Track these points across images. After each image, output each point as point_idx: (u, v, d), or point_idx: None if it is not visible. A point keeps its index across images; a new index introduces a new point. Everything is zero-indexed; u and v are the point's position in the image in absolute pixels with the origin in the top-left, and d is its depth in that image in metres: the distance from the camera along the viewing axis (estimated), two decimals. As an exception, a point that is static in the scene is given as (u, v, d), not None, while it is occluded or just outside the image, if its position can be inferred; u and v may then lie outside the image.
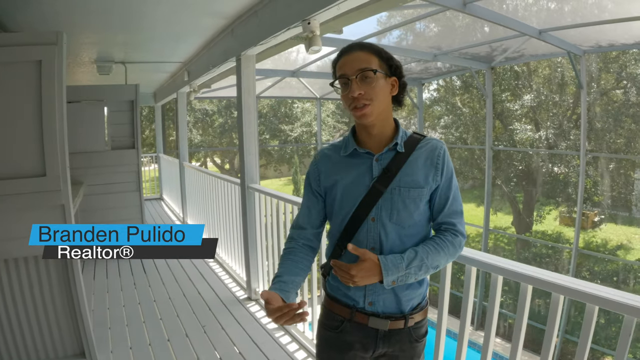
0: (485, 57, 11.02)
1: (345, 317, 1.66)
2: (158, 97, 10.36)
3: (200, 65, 6.06)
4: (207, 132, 25.24)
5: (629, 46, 9.77)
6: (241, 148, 4.68)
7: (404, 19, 9.01)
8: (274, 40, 3.93)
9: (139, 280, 5.29)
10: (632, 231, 16.48)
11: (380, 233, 1.59)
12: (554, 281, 1.88)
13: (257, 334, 3.93)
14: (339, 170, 1.66)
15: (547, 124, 15.83)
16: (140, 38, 5.18)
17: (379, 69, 1.54)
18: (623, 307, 1.63)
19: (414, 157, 1.61)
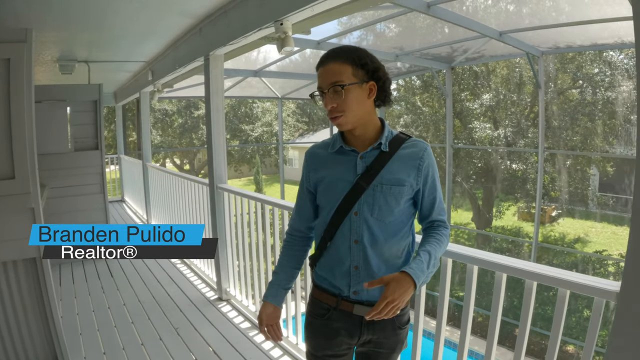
0: (446, 58, 11.17)
1: (331, 305, 1.76)
2: (119, 97, 10.11)
3: (165, 65, 5.96)
4: (166, 132, 24.88)
5: (585, 47, 10.08)
6: (209, 148, 4.64)
7: (365, 19, 9.05)
8: (244, 40, 3.91)
9: (106, 284, 5.16)
10: (588, 225, 17.09)
11: (362, 226, 1.68)
12: (529, 269, 1.99)
13: (230, 333, 3.93)
14: (326, 165, 1.76)
15: (506, 122, 16.24)
16: (105, 37, 5.04)
17: (353, 78, 1.61)
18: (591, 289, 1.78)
19: (398, 156, 1.70)
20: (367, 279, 1.67)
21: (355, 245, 1.70)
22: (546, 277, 1.93)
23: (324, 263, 1.79)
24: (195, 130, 24.71)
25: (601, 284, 1.75)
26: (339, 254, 1.73)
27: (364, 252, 1.69)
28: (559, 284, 1.88)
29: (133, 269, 5.69)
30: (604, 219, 17.16)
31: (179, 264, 5.89)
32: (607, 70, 14.02)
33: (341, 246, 1.72)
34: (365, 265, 1.70)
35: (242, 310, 4.38)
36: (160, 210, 7.20)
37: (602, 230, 16.99)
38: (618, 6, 6.88)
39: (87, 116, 5.94)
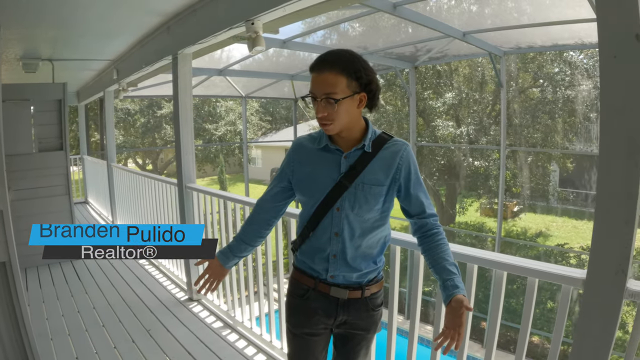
0: (410, 57, 11.30)
1: (310, 286, 1.89)
2: (82, 96, 9.88)
3: (131, 64, 5.86)
4: (129, 132, 24.39)
5: (547, 48, 10.33)
6: (178, 147, 4.60)
7: (330, 19, 9.10)
8: (213, 39, 3.89)
9: (74, 288, 5.05)
10: (549, 219, 17.54)
11: (343, 221, 1.79)
12: (499, 260, 2.11)
13: (204, 333, 3.91)
14: (312, 161, 1.84)
15: (468, 120, 16.51)
16: (73, 34, 4.92)
17: (347, 90, 1.65)
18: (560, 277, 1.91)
19: (380, 157, 1.78)
20: (344, 266, 1.82)
21: (335, 237, 1.81)
22: (516, 267, 2.04)
23: (305, 249, 1.90)
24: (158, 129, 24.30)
25: (568, 272, 1.87)
26: (319, 243, 1.84)
27: (343, 243, 1.81)
28: (529, 273, 1.99)
29: (100, 271, 5.59)
30: (565, 214, 17.64)
31: (147, 265, 5.82)
32: (567, 69, 14.42)
33: (322, 237, 1.83)
34: (342, 255, 1.82)
35: (214, 310, 4.36)
36: (126, 211, 7.08)
37: (562, 225, 17.44)
38: (579, 8, 7.10)
39: (51, 116, 5.77)
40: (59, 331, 3.97)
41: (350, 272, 1.84)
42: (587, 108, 14.39)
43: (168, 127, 24.05)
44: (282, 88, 14.41)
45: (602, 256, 1.66)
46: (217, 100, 24.58)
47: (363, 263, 1.85)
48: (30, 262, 5.60)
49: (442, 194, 18.60)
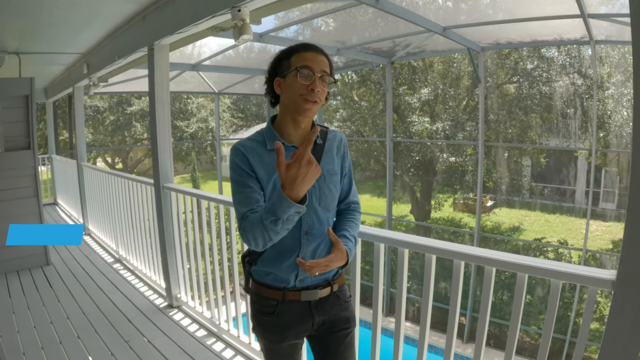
0: (387, 52, 11.26)
1: (278, 299, 1.83)
2: (50, 92, 9.41)
3: (102, 57, 5.54)
4: (98, 130, 23.73)
5: (525, 44, 10.43)
6: (154, 145, 4.31)
7: (303, 13, 8.99)
8: (194, 29, 3.63)
9: (46, 296, 4.71)
10: (522, 214, 17.75)
11: (313, 218, 1.78)
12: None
13: (187, 343, 3.68)
14: (266, 164, 1.74)
15: (444, 116, 16.53)
16: (41, 25, 4.56)
17: (331, 78, 1.75)
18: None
19: (328, 147, 1.85)
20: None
21: (304, 237, 1.78)
22: (540, 269, 1.94)
23: (267, 258, 1.82)
24: (127, 127, 23.68)
25: (597, 273, 1.79)
26: (286, 247, 1.77)
27: (313, 241, 1.79)
28: (553, 275, 1.90)
29: (72, 277, 5.28)
30: (537, 208, 17.85)
31: (122, 270, 5.54)
32: (544, 65, 14.52)
33: (289, 239, 1.74)
34: (312, 254, 1.80)
35: (196, 317, 4.14)
36: (98, 213, 6.75)
37: (536, 219, 17.67)
38: (559, 5, 7.13)
39: (17, 113, 5.39)
40: (31, 345, 3.68)
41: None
42: (565, 104, 14.51)
43: (138, 125, 23.55)
44: (253, 84, 14.28)
45: (634, 257, 1.59)
46: (189, 96, 24.13)
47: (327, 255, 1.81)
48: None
49: (418, 190, 18.61)
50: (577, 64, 14.16)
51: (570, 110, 14.51)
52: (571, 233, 15.94)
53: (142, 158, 26.69)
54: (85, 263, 5.83)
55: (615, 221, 15.50)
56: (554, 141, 15.73)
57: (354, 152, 19.85)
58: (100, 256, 6.11)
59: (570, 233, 15.95)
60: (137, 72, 9.34)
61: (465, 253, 2.15)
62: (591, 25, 7.82)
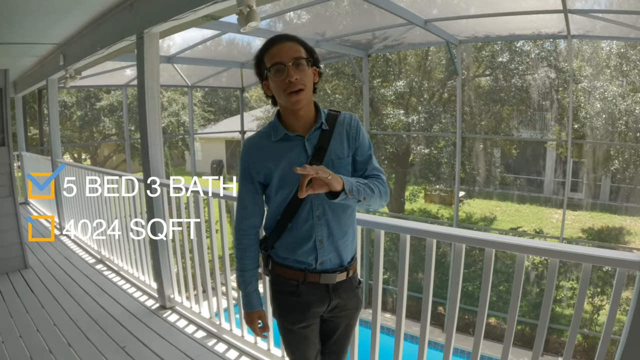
0: (365, 45, 11.20)
1: (299, 280, 1.93)
2: (19, 86, 8.96)
3: (82, 47, 5.23)
4: (65, 126, 22.92)
5: (503, 38, 10.53)
6: (144, 139, 4.10)
7: (276, 5, 8.83)
8: (192, 15, 3.41)
9: (28, 303, 4.40)
10: (493, 204, 18.01)
11: (324, 203, 1.86)
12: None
13: (186, 346, 3.51)
14: (273, 156, 1.87)
15: (419, 108, 16.55)
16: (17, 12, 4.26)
17: (308, 58, 1.79)
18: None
19: (337, 131, 1.89)
20: (331, 250, 1.91)
21: (317, 221, 1.88)
22: (571, 254, 2.05)
23: (285, 243, 1.92)
24: (96, 123, 22.94)
25: (623, 256, 1.86)
26: (302, 232, 1.88)
27: (328, 225, 1.89)
28: (584, 259, 1.94)
29: (54, 281, 4.99)
30: (508, 198, 18.11)
31: (106, 271, 5.29)
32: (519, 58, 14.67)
33: (304, 225, 1.87)
34: (328, 238, 1.89)
35: (192, 318, 3.97)
36: (76, 212, 6.42)
37: (506, 209, 17.91)
38: (534, 1, 7.29)
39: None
40: (18, 355, 3.43)
41: (337, 254, 1.93)
42: (540, 96, 14.70)
43: (107, 120, 22.83)
44: (221, 78, 14.09)
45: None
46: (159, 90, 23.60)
47: (346, 241, 1.95)
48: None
49: (392, 182, 18.64)
50: (552, 58, 14.35)
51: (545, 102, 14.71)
52: (542, 222, 16.22)
53: (111, 154, 25.97)
54: (66, 265, 5.54)
55: (585, 210, 15.82)
56: (526, 133, 15.95)
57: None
58: (80, 257, 5.82)
59: (542, 222, 16.22)
60: (108, 65, 9.04)
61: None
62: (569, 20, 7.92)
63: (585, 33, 8.91)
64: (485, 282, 2.26)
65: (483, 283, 2.27)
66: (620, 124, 13.09)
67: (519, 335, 12.24)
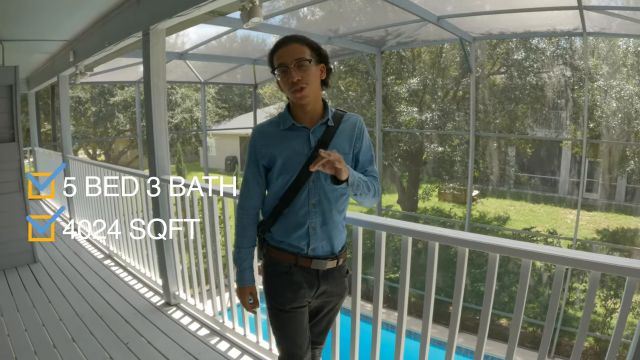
0: (378, 42, 11.15)
1: (291, 263, 2.05)
2: (32, 83, 9.06)
3: (91, 44, 5.26)
4: (79, 121, 23.15)
5: (518, 35, 10.37)
6: (150, 136, 4.09)
7: (290, 1, 8.82)
8: (196, 11, 3.40)
9: (35, 297, 4.44)
10: (507, 203, 17.82)
11: (320, 192, 2.00)
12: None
13: (189, 343, 3.50)
14: (279, 142, 2.00)
15: (432, 106, 16.42)
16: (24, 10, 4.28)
17: (312, 58, 1.90)
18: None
19: (341, 129, 2.02)
20: (323, 237, 2.04)
21: (313, 209, 2.00)
22: (580, 261, 1.91)
23: (280, 227, 2.05)
24: (110, 119, 23.15)
25: (634, 264, 1.77)
26: (297, 218, 2.01)
27: (322, 213, 2.01)
28: (591, 267, 1.87)
29: (62, 275, 5.03)
30: (522, 198, 17.91)
31: (113, 267, 5.32)
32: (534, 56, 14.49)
33: (300, 211, 2.00)
34: (321, 225, 2.02)
35: (197, 316, 3.96)
36: (86, 207, 6.46)
37: (520, 208, 17.72)
38: None
39: (1, 103, 5.11)
40: (23, 349, 3.45)
41: (328, 242, 2.05)
42: (556, 94, 14.51)
43: (121, 116, 23.03)
44: (236, 74, 14.09)
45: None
46: (173, 87, 23.69)
47: (337, 230, 2.08)
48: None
49: (405, 180, 18.53)
50: (568, 56, 14.15)
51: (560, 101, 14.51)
52: (556, 222, 16.03)
53: (125, 150, 26.20)
54: (74, 260, 5.57)
55: (600, 211, 15.60)
56: (541, 132, 15.75)
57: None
58: (89, 252, 5.86)
59: (556, 222, 16.03)
60: (121, 61, 9.09)
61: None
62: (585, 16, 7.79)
63: (601, 30, 8.76)
64: (488, 286, 2.24)
65: (486, 287, 2.25)
66: (636, 123, 12.88)
67: (530, 337, 12.13)
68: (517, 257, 2.08)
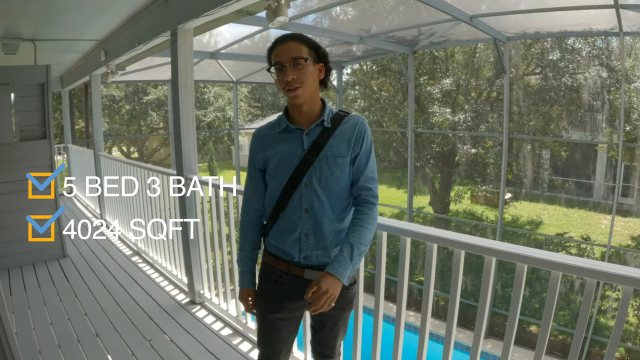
0: (410, 41, 11.03)
1: (283, 271, 1.97)
2: (66, 81, 9.27)
3: (121, 43, 5.34)
4: (114, 119, 23.65)
5: (553, 34, 10.14)
6: (177, 135, 4.12)
7: (322, 1, 8.79)
8: (222, 11, 3.41)
9: (62, 291, 4.54)
10: (540, 207, 17.44)
11: (312, 196, 1.90)
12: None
13: (211, 343, 3.49)
14: (274, 144, 1.96)
15: (466, 107, 16.21)
16: (52, 10, 4.35)
17: (309, 57, 1.85)
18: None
19: (339, 131, 1.93)
20: (316, 245, 1.92)
21: (305, 214, 1.91)
22: (612, 275, 1.76)
23: (275, 231, 1.98)
24: (143, 116, 23.58)
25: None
26: (290, 223, 1.93)
27: (315, 219, 1.90)
28: (623, 282, 1.73)
29: (90, 271, 5.12)
30: (557, 202, 17.52)
31: (141, 263, 5.38)
32: (569, 56, 14.16)
33: (292, 215, 1.92)
34: (314, 232, 1.91)
35: (221, 315, 3.95)
36: (116, 205, 6.57)
37: (554, 213, 17.34)
38: None
39: (33, 101, 5.20)
40: (47, 342, 3.52)
41: (322, 252, 1.94)
42: (591, 96, 14.14)
43: (154, 114, 23.43)
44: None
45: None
46: (205, 85, 23.97)
47: (336, 239, 1.94)
48: (13, 262, 5.15)
49: (437, 182, 18.34)
50: (604, 56, 13.77)
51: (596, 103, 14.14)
52: (590, 228, 15.66)
53: (158, 147, 26.62)
54: (103, 255, 5.67)
55: (635, 217, 15.16)
56: (576, 134, 15.37)
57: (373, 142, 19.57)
58: (118, 248, 5.95)
59: (590, 228, 15.66)
60: (154, 60, 9.20)
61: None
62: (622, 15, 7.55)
63: (638, 30, 8.49)
64: (515, 299, 2.14)
65: (513, 300, 2.15)
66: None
67: (559, 345, 11.89)
68: (545, 268, 1.95)
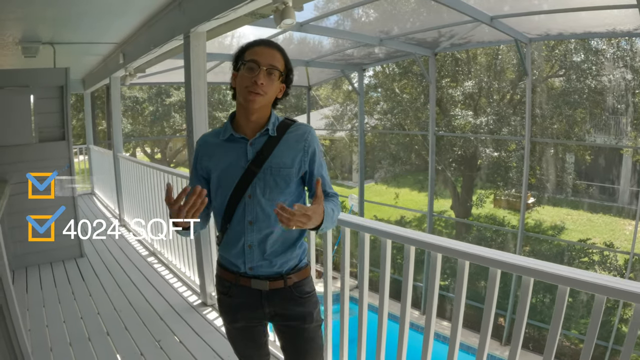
0: (431, 43, 10.93)
1: (231, 282, 1.92)
2: (87, 83, 9.45)
3: (138, 46, 5.42)
4: (137, 120, 24.00)
5: (577, 35, 9.95)
6: (190, 137, 4.16)
7: (343, 2, 8.76)
8: (233, 14, 3.43)
9: (77, 290, 4.64)
10: (564, 212, 17.10)
11: (257, 208, 1.83)
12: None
13: (220, 345, 3.51)
14: (216, 154, 1.89)
15: (488, 110, 16.02)
16: (73, 14, 4.44)
17: (282, 72, 1.82)
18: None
19: (285, 140, 1.87)
20: (260, 257, 1.86)
21: (249, 226, 1.84)
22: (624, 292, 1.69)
23: (224, 243, 1.92)
24: (166, 118, 23.88)
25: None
26: (234, 234, 1.86)
27: (259, 231, 1.84)
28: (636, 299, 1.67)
29: (106, 271, 5.20)
30: (580, 207, 17.17)
31: (156, 264, 5.45)
32: (593, 58, 13.89)
33: (237, 227, 1.85)
34: (259, 244, 1.85)
35: (230, 317, 3.96)
36: (134, 205, 6.66)
37: (578, 218, 17.00)
38: None
39: (52, 103, 5.32)
40: (59, 340, 3.59)
41: (267, 262, 1.87)
42: (615, 99, 13.85)
43: (177, 116, 23.71)
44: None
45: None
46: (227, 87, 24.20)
47: (282, 248, 1.89)
48: (31, 261, 5.26)
49: (459, 185, 18.15)
50: (628, 58, 13.47)
51: (620, 105, 13.82)
52: (614, 234, 15.28)
53: (181, 148, 26.92)
54: (120, 255, 5.76)
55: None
56: (600, 138, 15.06)
57: (395, 145, 19.47)
58: (134, 249, 6.04)
59: (614, 234, 15.29)
60: (176, 62, 9.31)
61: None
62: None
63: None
64: (520, 311, 2.07)
65: (518, 312, 2.09)
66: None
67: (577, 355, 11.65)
68: (551, 282, 1.88)
